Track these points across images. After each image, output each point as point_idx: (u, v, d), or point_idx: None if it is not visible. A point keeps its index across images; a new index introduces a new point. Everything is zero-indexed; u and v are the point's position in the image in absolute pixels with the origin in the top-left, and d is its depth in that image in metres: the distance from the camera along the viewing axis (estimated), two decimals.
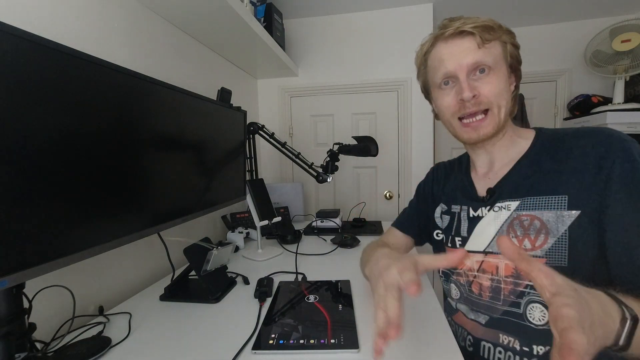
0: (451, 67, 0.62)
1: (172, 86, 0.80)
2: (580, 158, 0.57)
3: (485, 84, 0.61)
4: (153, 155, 0.74)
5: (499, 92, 0.61)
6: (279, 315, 0.69)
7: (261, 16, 1.57)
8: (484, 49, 0.60)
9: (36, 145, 0.47)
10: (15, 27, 0.43)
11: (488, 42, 0.60)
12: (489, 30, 0.60)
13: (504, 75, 0.62)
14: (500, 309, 0.61)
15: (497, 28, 0.61)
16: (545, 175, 0.59)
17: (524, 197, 0.60)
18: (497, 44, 0.61)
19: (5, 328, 0.47)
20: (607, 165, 0.53)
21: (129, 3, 0.95)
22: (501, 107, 0.61)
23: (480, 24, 0.61)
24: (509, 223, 0.61)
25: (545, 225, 0.57)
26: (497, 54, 0.61)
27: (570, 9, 1.90)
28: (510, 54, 0.62)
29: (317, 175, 1.35)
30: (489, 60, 0.60)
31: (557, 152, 0.60)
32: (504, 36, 0.62)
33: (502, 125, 0.63)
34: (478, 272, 0.65)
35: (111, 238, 0.61)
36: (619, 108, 1.74)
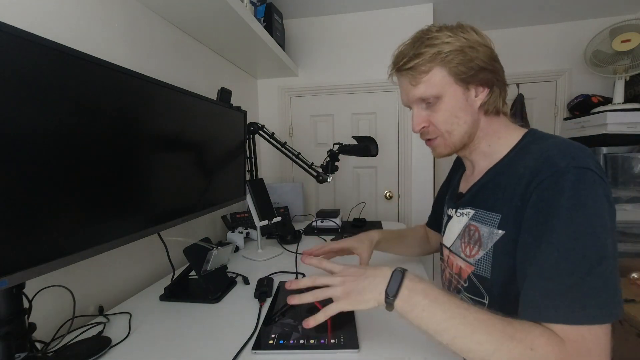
0: (404, 100, 0.66)
1: (172, 86, 0.80)
2: (519, 178, 0.55)
3: (434, 113, 0.62)
4: (153, 155, 0.74)
5: (446, 119, 0.61)
6: (279, 315, 0.69)
7: (261, 16, 1.57)
8: (422, 83, 0.60)
9: (36, 146, 0.47)
10: (15, 27, 0.43)
11: (424, 74, 0.59)
12: (421, 64, 0.58)
13: (456, 95, 0.59)
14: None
15: (431, 54, 0.58)
16: (496, 190, 0.60)
17: (478, 207, 0.63)
18: (436, 71, 0.59)
19: (5, 328, 0.47)
20: (530, 189, 0.52)
21: (129, 3, 0.95)
22: (452, 132, 0.62)
23: (409, 63, 0.59)
24: (464, 229, 0.66)
25: (480, 239, 0.60)
26: (439, 80, 0.59)
27: (570, 9, 1.90)
28: (459, 70, 0.58)
29: (317, 175, 1.35)
30: (430, 92, 0.59)
31: (512, 166, 0.59)
32: (443, 56, 0.57)
33: (458, 145, 0.64)
34: (446, 264, 0.74)
35: (111, 238, 0.61)
36: (619, 108, 1.74)
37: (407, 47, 0.61)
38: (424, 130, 0.65)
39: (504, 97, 0.63)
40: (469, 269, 0.63)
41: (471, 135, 0.63)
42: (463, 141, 0.63)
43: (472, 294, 0.62)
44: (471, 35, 0.58)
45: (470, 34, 0.58)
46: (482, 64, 0.58)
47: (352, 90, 1.98)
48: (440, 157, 0.68)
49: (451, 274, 0.70)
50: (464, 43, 0.57)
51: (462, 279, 0.65)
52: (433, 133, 0.64)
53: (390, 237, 0.95)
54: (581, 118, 1.90)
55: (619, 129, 1.70)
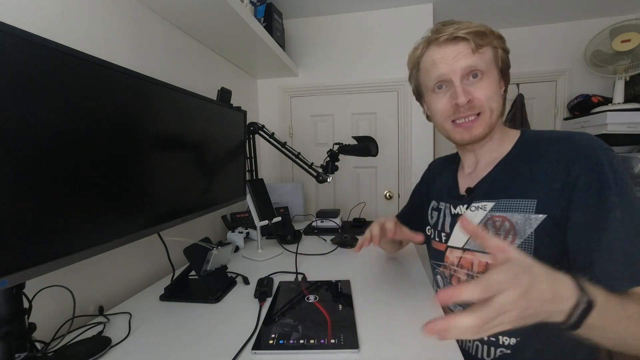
0: (445, 71, 0.63)
1: (172, 86, 0.80)
2: (552, 163, 0.59)
3: (479, 88, 0.62)
4: (153, 155, 0.74)
5: (491, 96, 0.63)
6: (279, 315, 0.69)
7: (261, 16, 1.57)
8: (477, 54, 0.62)
9: (36, 146, 0.47)
10: (15, 27, 0.43)
11: (481, 47, 0.62)
12: (482, 36, 0.62)
13: (495, 79, 0.64)
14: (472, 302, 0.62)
15: (489, 34, 0.63)
16: (519, 179, 0.62)
17: (499, 198, 0.64)
18: (489, 50, 0.63)
19: (5, 328, 0.47)
20: (574, 173, 0.56)
21: (129, 3, 0.95)
22: (493, 111, 0.63)
23: (473, 30, 0.62)
24: (484, 223, 0.65)
25: (514, 227, 0.60)
26: (489, 59, 0.63)
27: (570, 9, 1.90)
28: (501, 59, 0.64)
29: (317, 175, 1.35)
30: (481, 65, 0.62)
31: (532, 155, 0.63)
32: (495, 41, 0.63)
33: (493, 127, 0.66)
34: (457, 266, 0.70)
35: (111, 238, 0.61)
36: (619, 108, 1.74)
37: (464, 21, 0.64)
38: (469, 104, 0.63)
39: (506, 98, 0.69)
40: None
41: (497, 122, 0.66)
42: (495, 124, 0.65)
43: None
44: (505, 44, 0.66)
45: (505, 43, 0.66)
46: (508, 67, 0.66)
47: (352, 90, 1.98)
48: (475, 138, 0.65)
49: (471, 275, 0.68)
50: (504, 45, 0.65)
51: None
52: (477, 108, 0.63)
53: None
54: (581, 118, 1.90)
55: (619, 129, 1.70)
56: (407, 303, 0.74)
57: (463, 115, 0.65)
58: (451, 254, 0.72)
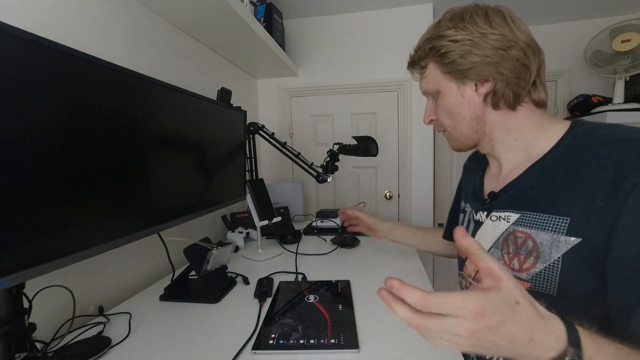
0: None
1: (172, 86, 0.80)
2: (597, 173, 0.45)
3: (438, 107, 0.62)
4: (153, 155, 0.74)
5: (447, 114, 0.61)
6: (279, 315, 0.69)
7: (261, 16, 1.57)
8: (423, 79, 0.62)
9: (36, 145, 0.47)
10: (15, 27, 0.43)
11: (423, 69, 0.60)
12: (420, 59, 0.60)
13: (450, 91, 0.58)
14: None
15: (427, 50, 0.58)
16: (553, 189, 0.50)
17: (525, 210, 0.54)
18: (431, 66, 0.59)
19: (5, 328, 0.47)
20: (627, 187, 0.41)
21: (129, 3, 0.95)
22: (454, 128, 0.61)
23: (412, 58, 0.62)
24: (505, 236, 0.56)
25: (537, 248, 0.50)
26: (435, 76, 0.59)
27: (570, 9, 1.90)
28: (449, 67, 0.56)
29: (317, 175, 1.35)
30: (430, 87, 0.61)
31: (576, 160, 0.49)
32: (435, 51, 0.57)
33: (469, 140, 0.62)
34: (474, 280, 0.62)
35: (111, 238, 0.61)
36: (619, 108, 1.74)
37: (419, 40, 0.62)
38: (434, 123, 0.65)
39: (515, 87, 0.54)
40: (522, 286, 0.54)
41: (478, 131, 0.59)
42: (469, 137, 0.61)
43: None
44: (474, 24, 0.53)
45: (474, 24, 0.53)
46: (477, 58, 0.53)
47: (352, 90, 1.98)
48: (456, 150, 0.67)
49: None
50: (461, 36, 0.53)
51: None
52: (440, 126, 0.64)
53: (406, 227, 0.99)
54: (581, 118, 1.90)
55: None
56: None
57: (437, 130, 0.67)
58: (470, 265, 0.63)
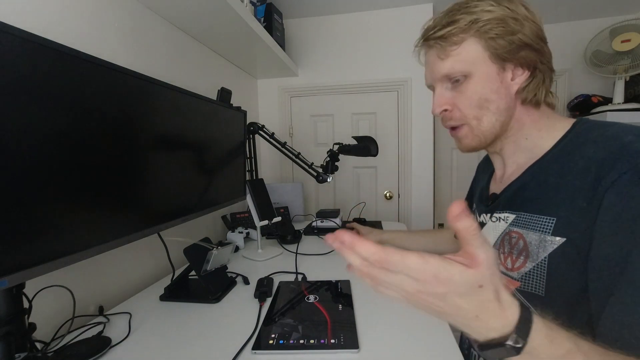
0: (427, 79, 0.59)
1: (172, 86, 0.80)
2: (581, 173, 0.45)
3: (460, 94, 0.54)
4: (153, 155, 0.74)
5: (476, 102, 0.53)
6: (279, 315, 0.69)
7: (261, 16, 1.57)
8: (450, 57, 0.53)
9: (36, 145, 0.47)
10: (15, 27, 0.43)
11: (456, 45, 0.52)
12: (454, 32, 0.51)
13: (488, 75, 0.52)
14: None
15: (467, 22, 0.50)
16: (545, 190, 0.50)
17: (520, 211, 0.54)
18: (469, 43, 0.51)
19: (5, 328, 0.47)
20: (603, 187, 0.42)
21: (129, 3, 0.95)
22: (481, 119, 0.53)
23: (440, 31, 0.52)
24: (503, 237, 0.56)
25: (527, 247, 0.51)
26: (471, 55, 0.51)
27: (570, 9, 1.90)
28: (497, 44, 0.50)
29: (317, 175, 1.35)
30: (458, 68, 0.52)
31: (567, 161, 0.49)
32: (480, 25, 0.50)
33: (492, 135, 0.55)
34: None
35: (111, 238, 0.61)
36: (619, 108, 1.74)
37: (441, 15, 0.54)
38: (447, 115, 0.56)
39: (547, 86, 0.53)
40: (512, 285, 0.53)
41: (503, 124, 0.54)
42: (494, 132, 0.54)
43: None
44: (518, 7, 0.50)
45: (518, 6, 0.50)
46: (526, 39, 0.49)
47: (352, 90, 1.98)
48: (467, 150, 0.58)
49: None
50: (508, 13, 0.49)
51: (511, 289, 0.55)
52: (458, 119, 0.56)
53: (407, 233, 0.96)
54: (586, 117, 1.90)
55: None
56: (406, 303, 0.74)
57: (446, 125, 0.58)
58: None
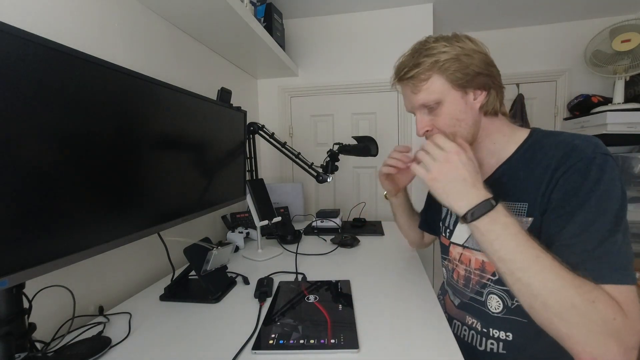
0: (407, 107, 0.71)
1: (172, 86, 0.80)
2: (545, 168, 0.58)
3: (437, 117, 0.65)
4: (153, 155, 0.74)
5: (450, 122, 0.64)
6: (279, 315, 0.69)
7: (261, 16, 1.57)
8: (422, 91, 0.64)
9: (36, 145, 0.47)
10: (15, 27, 0.43)
11: (424, 82, 0.63)
12: (420, 72, 0.62)
13: (456, 100, 0.63)
14: (469, 295, 0.72)
15: (430, 63, 0.62)
16: (518, 182, 0.63)
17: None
18: (435, 78, 0.62)
19: (5, 328, 0.47)
20: (559, 174, 0.56)
21: (129, 3, 0.95)
22: (456, 134, 0.64)
23: (409, 72, 0.64)
24: None
25: None
26: (439, 87, 0.62)
27: (570, 9, 1.90)
28: (455, 77, 0.61)
29: (317, 175, 1.35)
30: (431, 98, 0.63)
31: (532, 160, 0.62)
32: (440, 64, 0.61)
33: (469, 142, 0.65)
34: (458, 262, 0.76)
35: (111, 238, 0.61)
36: (619, 108, 1.74)
37: (407, 58, 0.66)
38: (429, 134, 0.68)
39: (501, 98, 0.66)
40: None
41: (474, 134, 0.66)
42: (467, 141, 0.65)
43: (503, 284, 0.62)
44: (466, 43, 0.62)
45: (465, 43, 0.62)
46: (478, 69, 0.61)
47: (352, 90, 1.98)
48: None
49: (469, 271, 0.72)
50: (459, 51, 0.61)
51: (489, 273, 0.68)
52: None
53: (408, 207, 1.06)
54: (581, 118, 1.90)
55: (619, 129, 1.69)
56: (407, 303, 0.75)
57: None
58: (454, 250, 0.77)
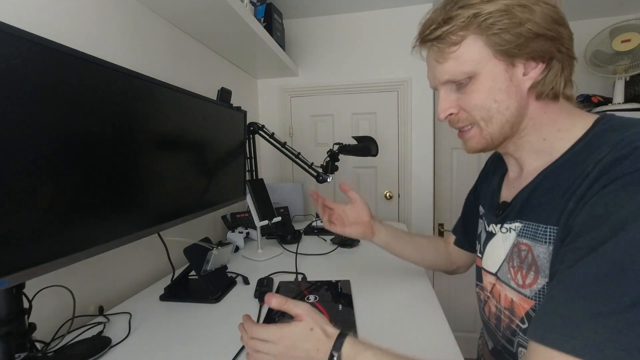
0: (430, 81, 0.55)
1: (172, 86, 0.80)
2: (583, 177, 0.41)
3: (466, 96, 0.49)
4: (153, 155, 0.74)
5: (484, 103, 0.48)
6: (279, 315, 0.69)
7: (261, 16, 1.56)
8: (450, 60, 0.48)
9: (36, 145, 0.47)
10: (15, 27, 0.43)
11: (455, 45, 0.47)
12: (451, 31, 0.46)
13: (494, 74, 0.46)
14: (500, 340, 0.55)
15: (465, 18, 0.44)
16: (554, 197, 0.45)
17: (528, 220, 0.49)
18: (471, 41, 0.46)
19: (5, 328, 0.47)
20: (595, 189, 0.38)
21: (129, 3, 0.95)
22: (490, 120, 0.49)
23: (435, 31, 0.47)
24: (512, 249, 0.51)
25: (536, 262, 0.46)
26: (473, 55, 0.46)
27: (570, 9, 1.90)
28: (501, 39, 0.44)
29: (317, 175, 1.35)
30: (460, 70, 0.47)
31: (578, 166, 0.44)
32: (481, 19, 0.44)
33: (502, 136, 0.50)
34: (490, 294, 0.57)
35: (111, 238, 0.61)
36: (619, 108, 1.74)
37: (438, 10, 0.48)
38: (453, 118, 0.52)
39: (567, 74, 0.47)
40: (527, 304, 0.48)
41: (514, 125, 0.49)
42: (503, 133, 0.49)
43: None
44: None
45: None
46: (537, 28, 0.42)
47: (352, 90, 1.98)
48: (473, 152, 0.54)
49: (499, 308, 0.55)
50: (514, 1, 0.43)
51: (518, 317, 0.50)
52: (466, 120, 0.51)
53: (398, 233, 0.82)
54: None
55: None
56: (407, 303, 0.74)
57: (454, 127, 0.54)
58: (485, 278, 0.59)
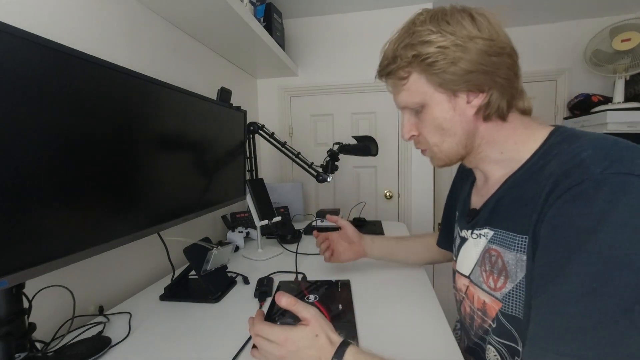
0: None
1: (172, 86, 0.80)
2: (541, 189, 0.43)
3: (422, 122, 0.54)
4: (153, 155, 0.74)
5: (434, 131, 0.53)
6: (279, 315, 0.69)
7: (261, 16, 1.56)
8: (402, 92, 0.53)
9: (36, 145, 0.47)
10: (15, 27, 0.43)
11: (404, 80, 0.51)
12: (399, 68, 0.51)
13: (439, 104, 0.50)
14: (473, 339, 0.59)
15: (409, 58, 0.49)
16: (520, 206, 0.47)
17: (498, 228, 0.52)
18: (415, 77, 0.50)
19: (5, 328, 0.47)
20: (550, 202, 0.41)
21: (129, 3, 0.95)
22: (441, 145, 0.53)
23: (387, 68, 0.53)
24: (483, 254, 0.55)
25: (506, 267, 0.49)
26: (420, 87, 0.50)
27: (570, 8, 1.90)
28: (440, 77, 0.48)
29: (317, 175, 1.35)
30: (413, 100, 0.52)
31: (537, 175, 0.46)
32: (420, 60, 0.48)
33: (457, 156, 0.55)
34: (464, 295, 0.61)
35: (111, 238, 0.61)
36: (619, 107, 1.74)
37: (390, 45, 0.54)
38: (415, 139, 0.58)
39: (510, 96, 0.50)
40: (496, 306, 0.51)
41: (467, 146, 0.53)
42: (458, 153, 0.54)
43: (504, 337, 0.51)
44: (462, 27, 0.47)
45: (461, 26, 0.47)
46: (470, 65, 0.46)
47: (352, 90, 1.98)
48: (439, 167, 0.59)
49: (473, 309, 0.58)
50: (449, 41, 0.46)
51: (490, 318, 0.53)
52: (423, 144, 0.57)
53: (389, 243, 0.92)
54: (581, 117, 1.90)
55: (619, 128, 1.69)
56: (407, 303, 0.74)
57: (416, 147, 0.60)
58: (459, 280, 0.63)
